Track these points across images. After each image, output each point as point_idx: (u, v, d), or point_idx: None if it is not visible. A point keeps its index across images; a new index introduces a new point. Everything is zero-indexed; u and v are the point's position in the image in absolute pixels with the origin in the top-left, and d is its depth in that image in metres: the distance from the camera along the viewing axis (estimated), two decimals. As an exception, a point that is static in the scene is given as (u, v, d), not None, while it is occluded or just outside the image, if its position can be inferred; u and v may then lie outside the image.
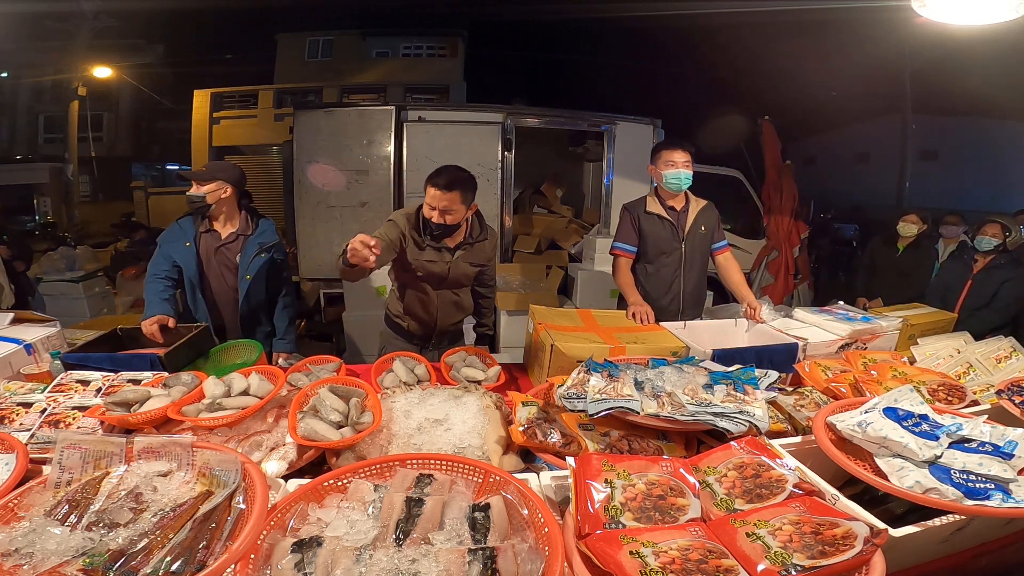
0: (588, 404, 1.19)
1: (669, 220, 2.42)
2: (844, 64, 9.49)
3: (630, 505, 0.90)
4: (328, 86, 12.41)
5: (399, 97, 11.58)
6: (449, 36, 13.16)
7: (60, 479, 0.89)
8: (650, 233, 2.44)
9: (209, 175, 2.19)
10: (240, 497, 0.83)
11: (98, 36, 11.50)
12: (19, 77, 13.83)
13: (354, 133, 4.53)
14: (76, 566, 0.72)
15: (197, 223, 2.25)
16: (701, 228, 2.45)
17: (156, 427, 1.27)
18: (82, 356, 1.65)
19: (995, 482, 0.94)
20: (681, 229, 2.42)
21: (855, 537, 0.79)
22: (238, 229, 2.28)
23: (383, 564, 0.74)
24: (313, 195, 4.53)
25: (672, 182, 2.34)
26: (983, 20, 1.76)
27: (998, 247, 3.01)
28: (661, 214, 2.42)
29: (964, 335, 1.92)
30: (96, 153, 14.29)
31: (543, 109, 5.12)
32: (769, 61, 10.07)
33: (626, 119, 5.06)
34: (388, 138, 4.50)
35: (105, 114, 15.61)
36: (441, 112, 4.88)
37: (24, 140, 14.87)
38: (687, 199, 2.45)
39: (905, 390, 1.21)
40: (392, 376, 1.69)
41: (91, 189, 14.47)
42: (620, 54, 13.71)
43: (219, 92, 11.94)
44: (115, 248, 7.59)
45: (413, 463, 0.99)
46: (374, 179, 4.50)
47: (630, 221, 2.47)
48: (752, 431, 1.13)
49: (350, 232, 2.22)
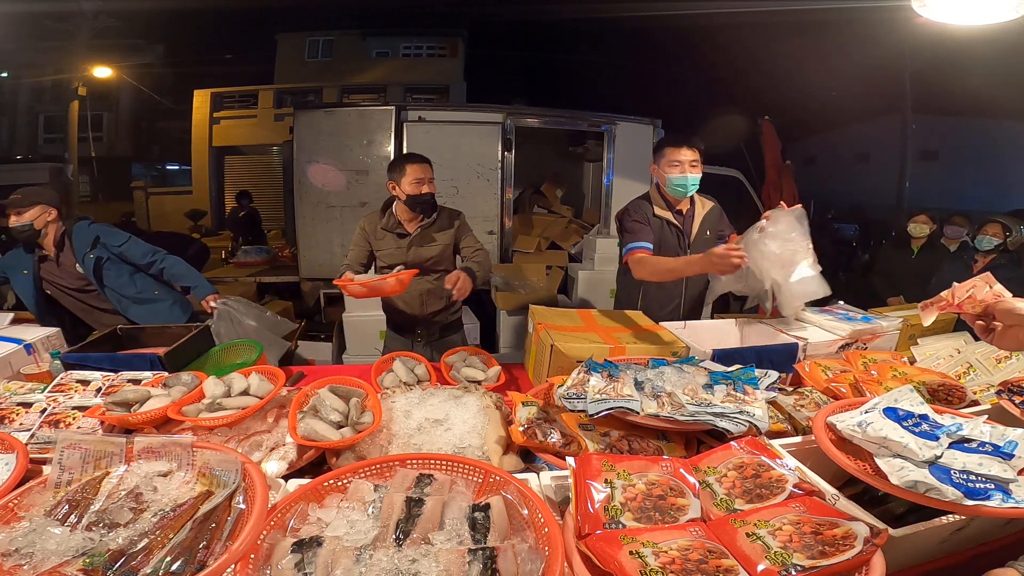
0: (588, 404, 1.18)
1: (676, 225, 2.23)
2: (844, 64, 9.50)
3: (630, 505, 0.90)
4: (328, 86, 12.42)
5: (399, 97, 11.60)
6: (449, 36, 13.17)
7: (60, 479, 0.89)
8: (657, 238, 2.20)
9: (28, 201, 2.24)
10: (240, 497, 0.83)
11: (98, 36, 11.49)
12: (19, 77, 13.83)
13: (354, 133, 4.53)
14: (76, 566, 0.72)
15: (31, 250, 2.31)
16: (707, 233, 2.26)
17: (156, 427, 1.28)
18: (82, 356, 1.65)
19: (995, 482, 0.94)
20: (687, 236, 2.24)
21: (855, 537, 0.79)
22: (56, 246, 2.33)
23: (383, 564, 0.74)
24: (313, 195, 4.53)
25: (678, 188, 2.13)
26: (983, 20, 1.76)
27: (999, 247, 3.01)
28: (669, 219, 2.22)
29: (964, 335, 1.92)
30: (96, 153, 14.29)
31: (543, 109, 5.12)
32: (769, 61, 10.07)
33: (626, 119, 5.06)
34: (388, 138, 4.50)
35: (105, 114, 15.61)
36: (441, 112, 4.88)
37: (24, 140, 14.87)
38: (692, 201, 2.27)
39: (905, 390, 1.21)
40: (392, 376, 1.69)
41: (91, 189, 14.47)
42: (620, 54, 13.71)
43: (219, 92, 11.96)
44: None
45: (413, 463, 0.99)
46: (374, 179, 4.50)
47: (641, 218, 2.20)
48: (752, 431, 1.13)
49: (350, 232, 2.25)
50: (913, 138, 10.55)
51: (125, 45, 12.81)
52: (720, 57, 11.43)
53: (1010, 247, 3.03)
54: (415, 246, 2.26)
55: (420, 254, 2.26)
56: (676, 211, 2.24)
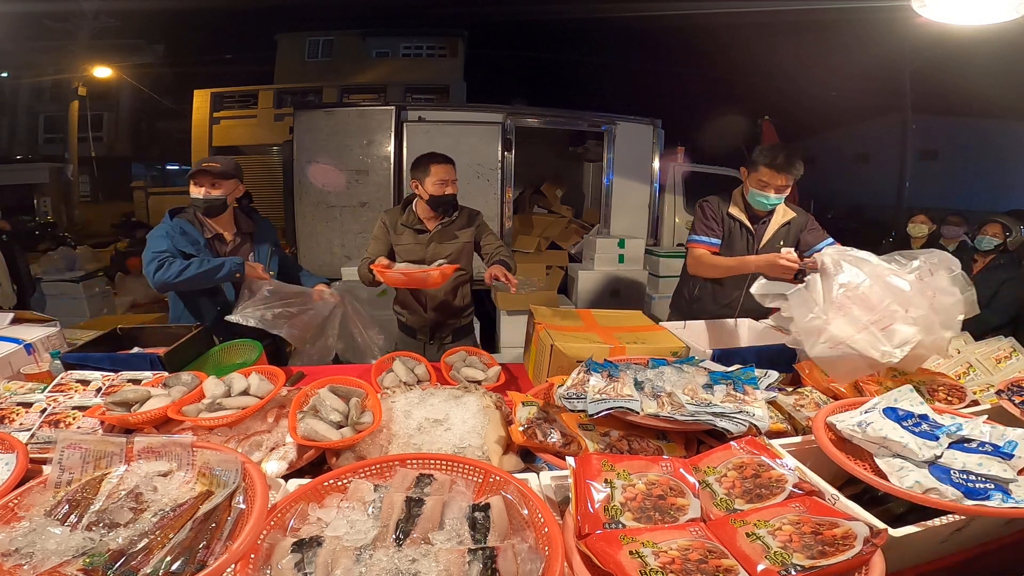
0: (588, 404, 1.18)
1: (748, 228, 2.18)
2: (844, 64, 9.52)
3: (630, 505, 0.90)
4: (328, 86, 12.45)
5: (399, 97, 11.61)
6: (449, 36, 13.19)
7: (60, 479, 0.89)
8: (726, 237, 2.19)
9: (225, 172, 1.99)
10: (240, 497, 0.83)
11: (98, 36, 11.50)
12: (19, 77, 13.86)
13: (354, 133, 4.53)
14: (76, 566, 0.72)
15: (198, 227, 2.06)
16: (779, 243, 2.16)
17: (156, 427, 1.27)
18: (82, 356, 1.65)
19: (995, 482, 0.94)
20: (757, 241, 2.19)
21: (855, 537, 0.79)
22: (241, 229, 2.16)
23: (383, 564, 0.74)
24: (313, 195, 4.54)
25: (759, 201, 2.12)
26: (983, 20, 1.76)
27: (998, 247, 3.02)
28: (743, 221, 2.17)
29: (964, 335, 1.92)
30: (96, 153, 14.32)
31: (543, 109, 5.13)
32: (770, 61, 10.10)
33: (626, 119, 5.07)
34: (388, 138, 4.51)
35: (105, 114, 15.64)
36: (441, 112, 4.89)
37: (24, 140, 14.90)
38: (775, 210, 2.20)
39: (905, 390, 1.21)
40: (392, 376, 1.69)
41: (91, 189, 14.50)
42: (620, 54, 13.75)
43: (219, 92, 11.97)
44: (115, 248, 7.60)
45: (413, 463, 0.99)
46: (374, 179, 4.51)
47: (712, 215, 2.19)
48: (752, 431, 1.13)
49: (350, 232, 2.24)
50: (913, 138, 10.57)
51: (125, 45, 12.83)
52: (720, 57, 11.47)
53: (1010, 247, 3.03)
54: (434, 243, 2.24)
55: (439, 251, 2.23)
56: (752, 214, 2.20)
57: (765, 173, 2.06)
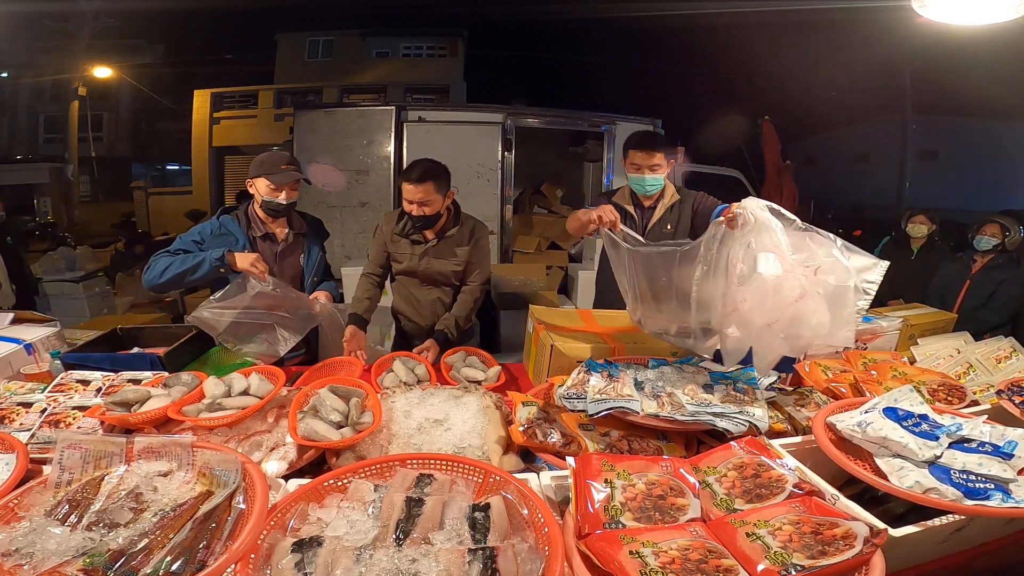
0: (588, 404, 1.19)
1: (633, 217, 2.16)
2: (844, 64, 9.52)
3: (630, 505, 0.90)
4: (328, 86, 12.45)
5: (399, 97, 11.60)
6: (449, 36, 13.19)
7: (60, 479, 0.89)
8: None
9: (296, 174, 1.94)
10: (240, 497, 0.84)
11: (98, 36, 11.50)
12: (19, 77, 13.85)
13: (354, 133, 4.54)
14: (76, 566, 0.72)
15: (245, 225, 1.99)
16: (667, 227, 2.15)
17: (156, 427, 1.27)
18: (82, 356, 1.65)
19: (995, 482, 0.95)
20: (642, 226, 2.16)
21: (855, 537, 0.79)
22: (294, 228, 2.08)
23: (383, 564, 0.74)
24: (313, 195, 4.53)
25: (637, 185, 2.13)
26: (983, 20, 1.76)
27: (997, 247, 3.02)
28: (628, 210, 2.16)
29: (964, 335, 1.92)
30: (96, 153, 14.30)
31: (543, 109, 5.13)
32: (769, 61, 10.10)
33: (626, 119, 5.07)
34: (388, 138, 4.51)
35: (105, 114, 15.63)
36: (441, 112, 4.89)
37: (24, 140, 14.89)
38: (662, 194, 2.17)
39: (905, 390, 1.21)
40: (392, 376, 1.69)
41: (91, 189, 14.49)
42: (620, 54, 13.77)
43: (219, 92, 11.98)
44: (115, 248, 7.58)
45: (413, 463, 0.99)
46: (374, 179, 4.51)
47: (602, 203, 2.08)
48: (752, 431, 1.13)
49: (350, 232, 2.23)
50: (913, 138, 10.57)
51: (125, 45, 12.83)
52: (720, 57, 11.47)
53: (1008, 247, 3.03)
54: (429, 256, 2.13)
55: (432, 265, 2.14)
56: (637, 203, 2.20)
57: (634, 156, 2.08)
